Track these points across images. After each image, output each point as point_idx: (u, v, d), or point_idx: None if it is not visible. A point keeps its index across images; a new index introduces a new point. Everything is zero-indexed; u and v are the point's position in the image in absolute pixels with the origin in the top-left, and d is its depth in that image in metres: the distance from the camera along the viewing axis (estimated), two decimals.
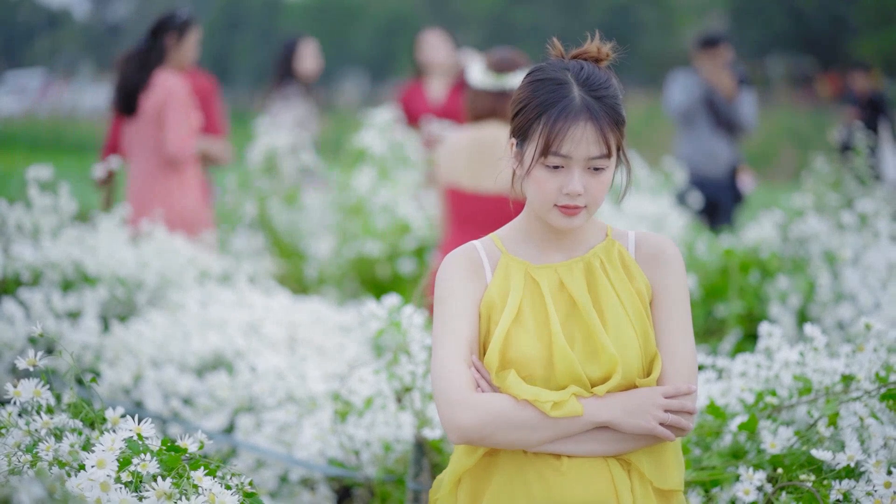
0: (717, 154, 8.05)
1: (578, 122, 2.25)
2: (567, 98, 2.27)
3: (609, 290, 2.36)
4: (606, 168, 2.30)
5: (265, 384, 3.88)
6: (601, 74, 2.32)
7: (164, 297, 4.84)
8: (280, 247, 6.10)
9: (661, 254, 2.40)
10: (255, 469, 3.78)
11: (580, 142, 2.26)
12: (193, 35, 6.23)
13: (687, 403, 2.28)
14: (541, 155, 2.27)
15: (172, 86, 6.10)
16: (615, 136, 2.29)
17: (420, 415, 3.21)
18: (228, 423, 3.98)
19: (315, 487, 3.69)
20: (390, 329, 3.33)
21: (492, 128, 4.98)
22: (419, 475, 3.22)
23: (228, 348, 4.29)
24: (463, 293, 2.36)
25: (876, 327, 3.02)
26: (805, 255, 5.14)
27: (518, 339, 2.32)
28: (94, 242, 4.94)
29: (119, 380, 4.22)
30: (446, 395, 2.29)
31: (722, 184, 8.10)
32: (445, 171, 5.10)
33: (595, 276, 2.37)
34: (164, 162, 6.10)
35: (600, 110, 2.27)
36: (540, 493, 2.31)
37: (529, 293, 2.37)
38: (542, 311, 2.35)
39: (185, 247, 5.16)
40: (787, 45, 39.54)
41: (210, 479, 2.36)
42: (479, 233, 5.10)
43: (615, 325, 2.33)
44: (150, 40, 6.18)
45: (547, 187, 2.29)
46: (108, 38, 47.92)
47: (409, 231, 6.15)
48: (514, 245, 2.42)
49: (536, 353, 2.31)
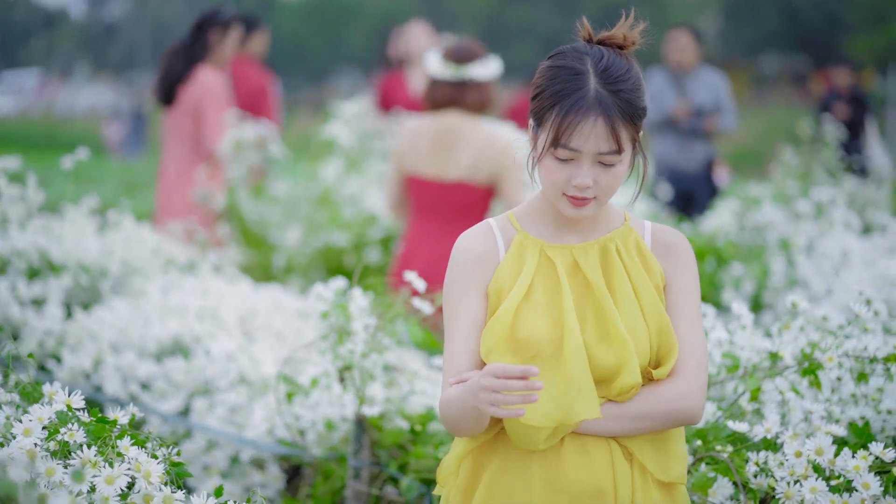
0: (693, 148, 8.19)
1: (589, 116, 2.21)
2: (581, 90, 2.22)
3: (623, 275, 2.33)
4: (618, 163, 2.25)
5: (217, 367, 3.96)
6: (621, 65, 2.26)
7: (127, 285, 4.92)
8: (249, 237, 6.19)
9: (675, 246, 2.40)
10: (207, 450, 3.85)
11: (589, 137, 2.21)
12: (235, 32, 6.52)
13: (510, 384, 2.10)
14: (551, 146, 2.24)
15: (211, 81, 6.41)
16: (628, 131, 2.24)
17: (360, 393, 3.28)
18: (184, 406, 4.06)
19: (265, 467, 3.76)
20: (335, 311, 3.40)
21: (451, 116, 5.05)
22: (359, 452, 3.30)
23: (187, 334, 4.37)
24: (472, 285, 2.33)
25: (802, 306, 3.09)
26: (762, 244, 5.21)
27: (527, 317, 2.28)
28: (61, 231, 5.02)
29: (80, 365, 4.29)
30: (442, 389, 2.33)
31: (698, 177, 8.23)
32: (405, 159, 5.16)
33: (610, 260, 2.34)
34: (197, 154, 6.42)
35: (613, 105, 2.22)
36: (538, 475, 2.30)
37: (543, 271, 2.33)
38: (555, 290, 2.31)
39: (151, 236, 5.24)
40: (781, 43, 39.62)
41: (137, 449, 2.43)
42: (440, 221, 5.23)
43: (627, 310, 2.30)
44: (194, 35, 6.58)
45: (556, 177, 2.27)
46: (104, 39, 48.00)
47: (376, 221, 6.24)
48: (530, 223, 2.38)
49: (545, 334, 2.27)
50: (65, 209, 5.27)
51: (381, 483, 3.31)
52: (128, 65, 43.54)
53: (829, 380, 2.94)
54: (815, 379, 2.92)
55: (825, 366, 2.90)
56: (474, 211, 5.13)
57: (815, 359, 2.93)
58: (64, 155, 5.21)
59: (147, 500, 2.38)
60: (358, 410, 3.27)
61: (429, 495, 3.21)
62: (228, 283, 4.90)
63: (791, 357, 2.98)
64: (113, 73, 42.63)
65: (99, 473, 2.33)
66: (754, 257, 5.10)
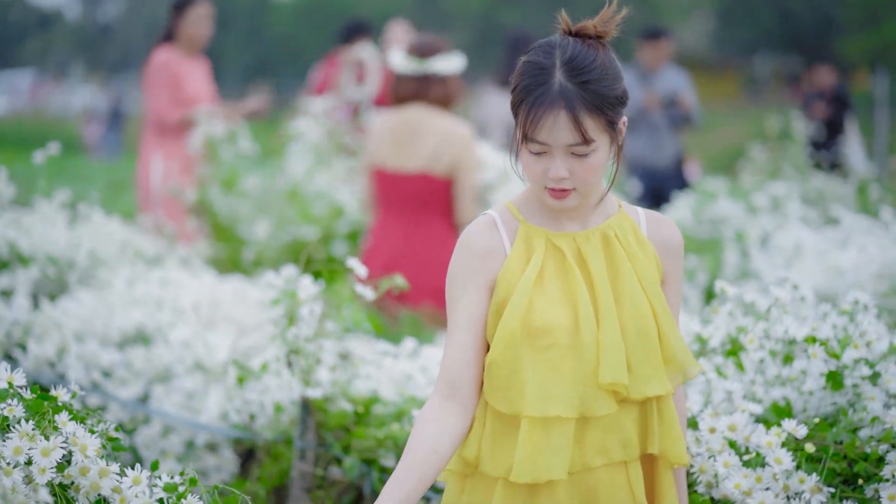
0: (663, 145, 8.36)
1: (552, 110, 2.22)
2: (545, 85, 2.23)
3: (625, 261, 2.33)
4: (591, 153, 2.25)
5: (174, 354, 4.06)
6: (587, 55, 2.26)
7: (95, 277, 5.02)
8: (219, 231, 6.30)
9: (671, 238, 2.41)
10: (164, 435, 3.96)
11: (553, 130, 2.22)
12: (194, 12, 6.86)
13: None
14: (522, 140, 2.27)
15: (154, 59, 6.98)
16: (597, 121, 2.24)
17: (305, 376, 3.39)
18: (144, 393, 4.16)
19: (219, 451, 3.87)
20: (285, 298, 3.51)
21: (415, 109, 5.17)
22: (305, 434, 3.40)
23: (150, 323, 4.47)
24: (473, 280, 2.32)
25: (731, 291, 3.20)
26: (719, 237, 5.32)
27: (542, 306, 2.28)
28: (31, 224, 5.12)
29: (44, 354, 4.39)
30: (436, 384, 2.34)
31: (669, 173, 8.38)
32: (371, 153, 5.28)
33: (612, 247, 2.34)
34: (153, 132, 6.93)
35: (577, 97, 2.22)
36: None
37: (552, 259, 2.32)
38: (566, 277, 2.31)
39: (119, 229, 5.34)
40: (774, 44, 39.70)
41: (74, 424, 2.53)
42: (403, 214, 5.33)
43: (631, 296, 2.30)
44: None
45: (534, 170, 2.28)
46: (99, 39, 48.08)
47: (343, 215, 6.36)
48: (531, 213, 2.37)
49: (562, 321, 2.27)
50: (37, 203, 5.37)
51: (325, 463, 3.41)
52: (123, 66, 43.61)
53: (751, 362, 3.05)
54: (737, 360, 3.03)
55: (747, 348, 3.01)
56: (436, 203, 5.24)
57: (739, 341, 3.04)
58: (55, 155, 5.31)
59: (83, 472, 2.49)
60: (303, 393, 3.38)
61: (370, 475, 3.32)
62: (193, 275, 5.01)
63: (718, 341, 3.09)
64: (107, 73, 42.69)
65: (36, 447, 2.43)
66: (710, 250, 5.21)
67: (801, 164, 7.09)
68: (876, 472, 2.70)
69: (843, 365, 2.97)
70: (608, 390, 2.27)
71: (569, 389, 2.25)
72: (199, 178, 6.36)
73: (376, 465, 3.32)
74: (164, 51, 6.97)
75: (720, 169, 13.05)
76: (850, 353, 2.95)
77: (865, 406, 2.89)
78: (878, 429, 2.80)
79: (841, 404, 2.98)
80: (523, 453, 2.24)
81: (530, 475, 2.24)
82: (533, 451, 2.25)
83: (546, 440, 2.25)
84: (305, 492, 3.39)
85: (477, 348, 2.31)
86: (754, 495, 2.62)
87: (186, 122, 6.79)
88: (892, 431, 2.69)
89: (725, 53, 41.07)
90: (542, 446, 2.25)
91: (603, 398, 2.27)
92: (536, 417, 2.25)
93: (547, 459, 2.25)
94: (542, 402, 2.24)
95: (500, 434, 2.30)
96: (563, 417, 2.25)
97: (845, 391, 2.97)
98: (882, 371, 2.94)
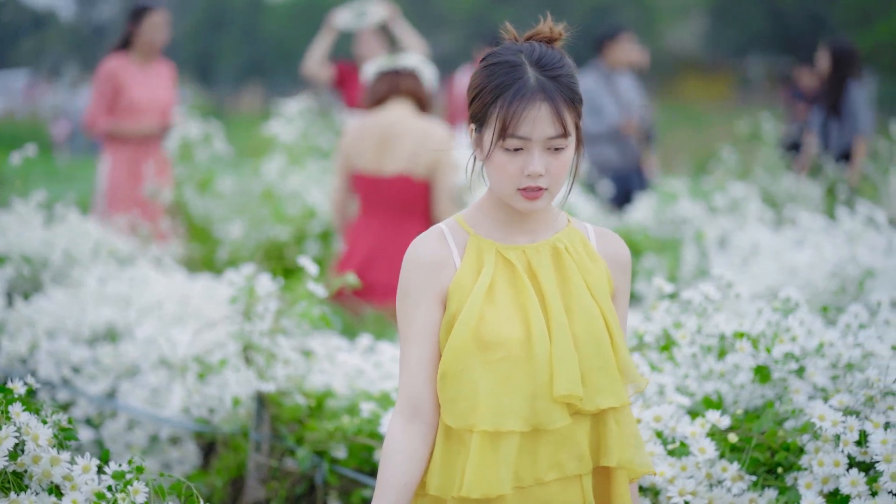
0: (626, 147, 8.55)
1: (534, 102, 2.24)
2: (522, 80, 2.25)
3: (576, 273, 2.35)
4: (565, 147, 2.28)
5: (140, 350, 4.19)
6: (554, 54, 2.30)
7: (68, 276, 5.14)
8: (194, 231, 6.43)
9: (620, 254, 2.43)
10: (129, 429, 4.08)
11: (535, 122, 2.23)
12: (149, 19, 6.95)
13: None
14: (499, 138, 2.25)
15: (104, 66, 7.17)
16: (571, 115, 2.28)
17: (261, 371, 3.51)
18: (111, 388, 4.28)
19: (182, 444, 3.99)
20: (243, 295, 3.63)
21: (392, 109, 5.30)
22: (260, 427, 3.53)
23: (120, 321, 4.59)
24: (424, 293, 2.32)
25: (667, 289, 3.32)
26: (680, 237, 5.45)
27: (493, 318, 2.28)
28: (6, 224, 5.25)
29: (16, 350, 4.52)
30: (398, 397, 2.34)
31: (632, 173, 8.57)
32: (350, 157, 5.41)
33: (562, 260, 2.36)
34: (103, 140, 7.21)
35: (555, 90, 2.25)
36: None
37: (503, 272, 2.33)
38: (517, 289, 2.32)
39: (94, 229, 5.46)
40: (766, 45, 39.83)
41: (28, 415, 2.65)
42: (382, 217, 5.43)
43: (583, 307, 2.32)
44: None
45: (508, 171, 2.27)
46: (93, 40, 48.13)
47: (315, 216, 6.49)
48: (480, 226, 2.38)
49: (514, 334, 2.28)
50: (13, 203, 5.49)
51: (280, 455, 3.54)
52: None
53: (684, 356, 3.18)
54: (670, 355, 3.16)
55: (680, 343, 3.14)
56: (415, 206, 5.34)
57: (672, 337, 3.17)
58: (47, 154, 5.44)
59: (36, 460, 2.61)
60: (258, 387, 3.50)
61: (321, 466, 3.44)
62: (164, 274, 5.13)
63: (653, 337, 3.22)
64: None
65: None
66: (669, 249, 5.33)
67: (772, 165, 7.21)
68: (795, 462, 2.83)
69: (775, 360, 3.10)
70: (562, 402, 2.28)
71: (521, 402, 2.26)
72: (175, 179, 6.48)
73: (327, 456, 3.44)
74: (114, 59, 7.15)
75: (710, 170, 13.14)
76: (781, 348, 3.08)
77: (791, 398, 3.02)
78: (802, 420, 2.93)
79: (769, 397, 3.11)
80: (473, 467, 2.25)
81: (481, 489, 2.24)
82: (483, 464, 2.25)
83: (494, 454, 2.26)
84: (261, 483, 3.51)
85: (435, 361, 2.31)
86: (677, 482, 2.75)
87: (114, 133, 7.05)
88: (810, 423, 2.81)
89: (718, 54, 41.17)
90: (491, 460, 2.26)
91: (556, 410, 2.27)
92: (489, 431, 2.26)
93: (497, 473, 2.25)
94: (496, 416, 2.25)
95: (448, 454, 2.30)
96: (515, 431, 2.26)
97: (773, 384, 3.10)
98: (808, 365, 3.07)
